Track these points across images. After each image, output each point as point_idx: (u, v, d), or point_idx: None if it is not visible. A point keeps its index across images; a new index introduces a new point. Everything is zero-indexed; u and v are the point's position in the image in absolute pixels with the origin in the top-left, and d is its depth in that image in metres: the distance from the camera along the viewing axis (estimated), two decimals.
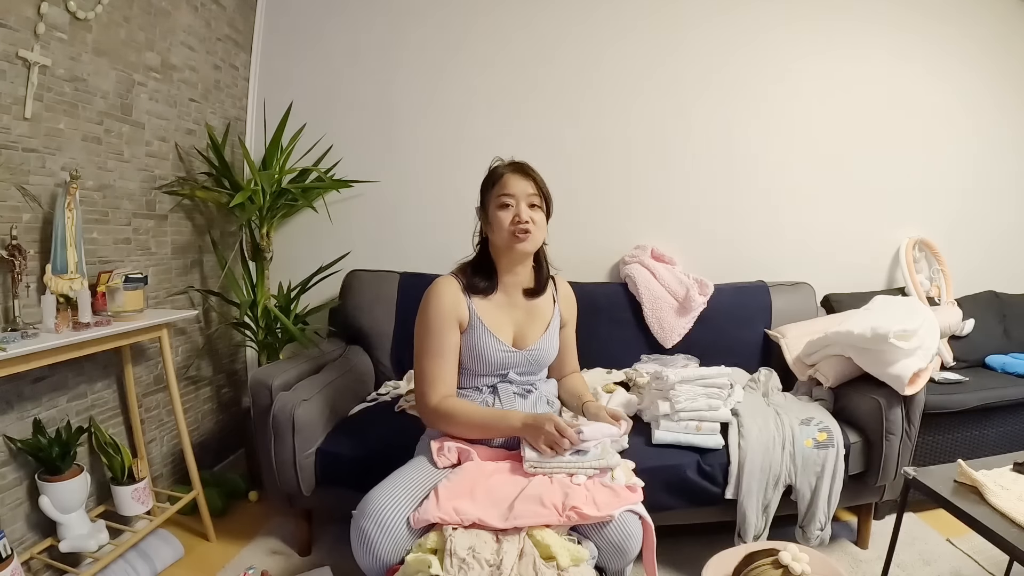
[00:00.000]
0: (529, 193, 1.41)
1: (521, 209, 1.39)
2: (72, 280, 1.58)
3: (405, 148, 2.56)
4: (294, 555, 1.88)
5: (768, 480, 1.68)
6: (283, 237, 2.53)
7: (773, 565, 1.18)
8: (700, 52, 2.54)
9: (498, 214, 1.40)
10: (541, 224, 1.43)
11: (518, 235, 1.39)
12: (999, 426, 2.10)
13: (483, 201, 1.46)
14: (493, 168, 1.47)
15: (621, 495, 1.27)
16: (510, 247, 1.41)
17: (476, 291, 1.44)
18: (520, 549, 1.14)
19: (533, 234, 1.40)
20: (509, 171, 1.42)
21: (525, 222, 1.38)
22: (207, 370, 2.38)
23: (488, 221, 1.44)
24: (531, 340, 1.48)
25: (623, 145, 2.56)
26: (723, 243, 2.59)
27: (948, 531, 1.96)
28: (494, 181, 1.43)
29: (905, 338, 1.73)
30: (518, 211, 1.39)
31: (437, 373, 1.39)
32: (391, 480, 1.29)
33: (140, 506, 1.76)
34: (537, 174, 1.45)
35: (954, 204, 2.70)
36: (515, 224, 1.38)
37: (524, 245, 1.40)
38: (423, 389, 1.39)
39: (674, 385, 1.73)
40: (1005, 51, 2.68)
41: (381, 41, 2.53)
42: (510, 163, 1.46)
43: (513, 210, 1.39)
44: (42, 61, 1.56)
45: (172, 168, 2.14)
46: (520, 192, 1.40)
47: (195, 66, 2.22)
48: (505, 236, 1.40)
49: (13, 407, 1.54)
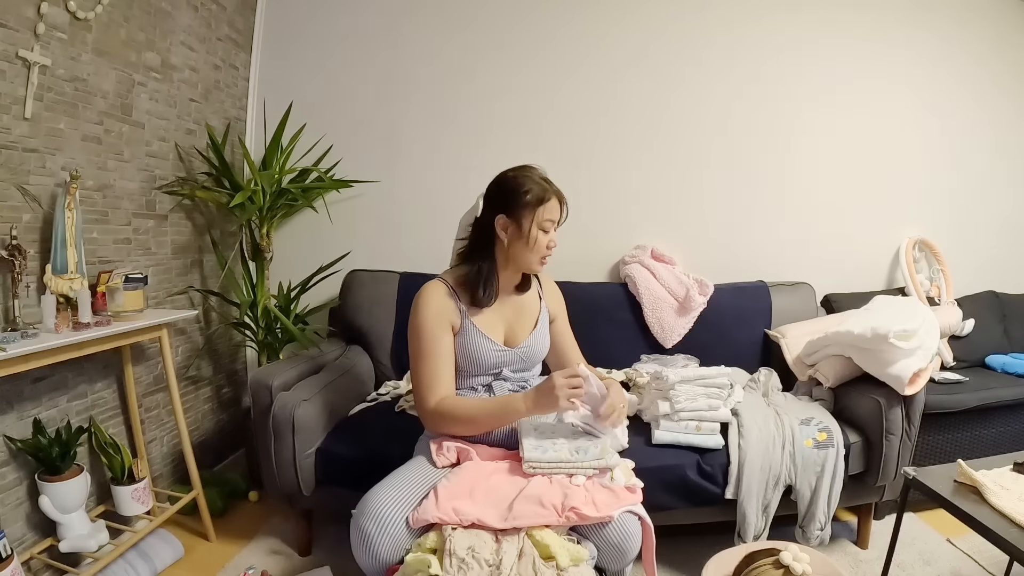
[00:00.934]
0: (560, 221, 1.46)
1: (553, 235, 1.44)
2: (72, 280, 1.58)
3: (405, 148, 2.56)
4: (294, 555, 1.88)
5: (768, 480, 1.68)
6: (283, 237, 2.53)
7: (774, 565, 1.17)
8: (701, 58, 2.54)
9: (540, 236, 1.42)
10: None
11: (543, 260, 1.45)
12: (999, 426, 2.10)
13: (517, 212, 1.39)
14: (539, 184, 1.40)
15: (620, 496, 1.28)
16: (530, 266, 1.46)
17: (475, 302, 1.44)
18: (519, 549, 1.14)
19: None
20: (553, 196, 1.42)
21: (553, 246, 1.45)
22: (207, 370, 2.38)
23: (521, 234, 1.40)
24: (521, 337, 1.49)
25: (623, 145, 2.56)
26: (723, 243, 2.59)
27: (948, 531, 1.96)
28: (541, 200, 1.39)
29: (905, 338, 1.73)
30: (552, 237, 1.44)
31: (433, 376, 1.38)
32: (391, 480, 1.30)
33: (140, 506, 1.76)
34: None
35: (954, 204, 2.70)
36: (549, 249, 1.44)
37: (543, 266, 1.47)
38: (421, 393, 1.39)
39: (674, 385, 1.73)
40: (1005, 53, 2.68)
41: (381, 41, 2.53)
42: (547, 180, 1.44)
43: (551, 236, 1.44)
44: (42, 61, 1.56)
45: (172, 168, 2.14)
46: (557, 219, 1.45)
47: (195, 66, 2.22)
48: (536, 257, 1.44)
49: (13, 407, 1.54)
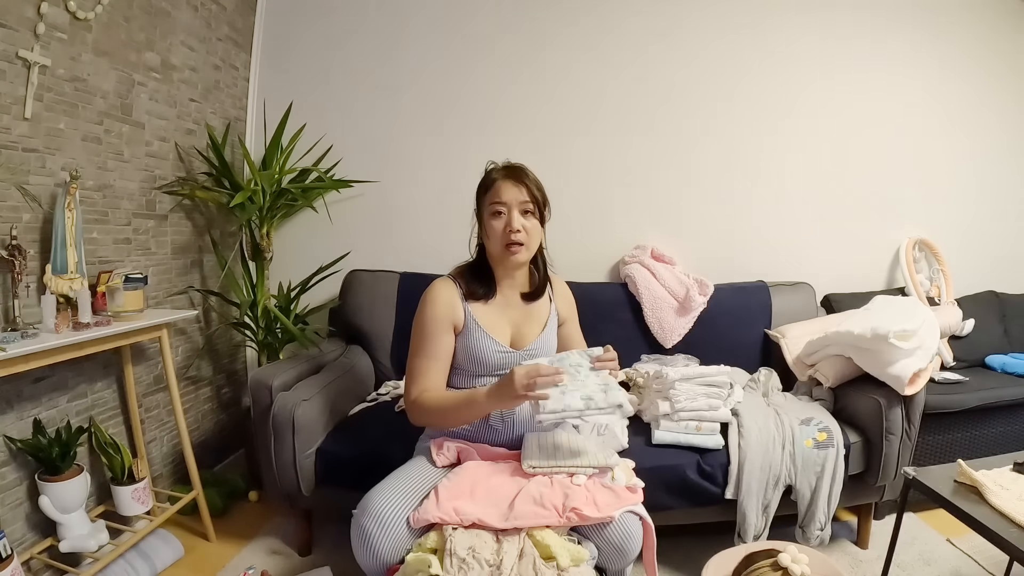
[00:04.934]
0: (522, 200, 1.36)
1: (513, 217, 1.35)
2: (72, 280, 1.58)
3: (405, 148, 2.56)
4: (294, 555, 1.88)
5: (768, 480, 1.68)
6: (283, 237, 2.53)
7: (772, 567, 1.17)
8: (702, 60, 2.54)
9: (491, 223, 1.37)
10: (535, 231, 1.39)
11: (511, 248, 1.36)
12: (999, 426, 2.10)
13: (478, 207, 1.43)
14: (487, 175, 1.42)
15: (621, 496, 1.28)
16: (503, 258, 1.39)
17: (475, 297, 1.43)
18: (520, 549, 1.14)
19: (526, 244, 1.38)
20: (501, 177, 1.38)
21: (517, 231, 1.35)
22: (207, 370, 2.38)
23: (482, 227, 1.42)
24: (528, 339, 1.47)
25: (623, 145, 2.55)
26: (723, 243, 2.59)
27: (948, 531, 1.96)
28: (487, 187, 1.39)
29: (905, 338, 1.73)
30: (510, 220, 1.35)
31: (423, 371, 1.38)
32: (391, 479, 1.30)
33: (140, 506, 1.76)
34: (531, 179, 1.39)
35: (954, 204, 2.70)
36: (507, 233, 1.35)
37: (516, 257, 1.38)
38: (408, 385, 1.40)
39: (674, 383, 1.73)
40: (1006, 52, 2.67)
41: (381, 41, 2.53)
42: (504, 167, 1.41)
43: (505, 218, 1.36)
44: (42, 61, 1.56)
45: (172, 168, 2.14)
46: (512, 200, 1.36)
47: (195, 66, 2.22)
48: (498, 246, 1.38)
49: (13, 407, 1.54)
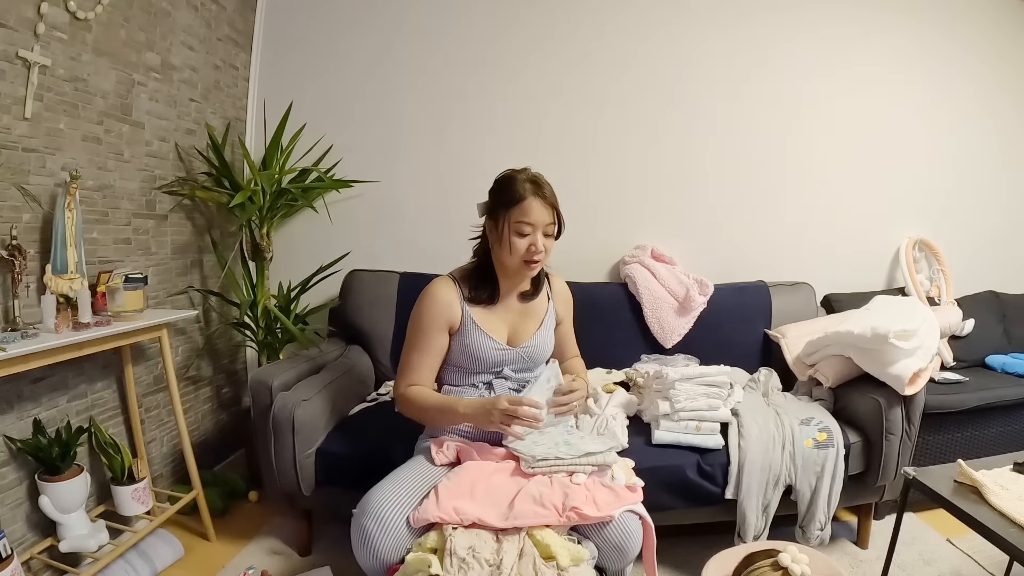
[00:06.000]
0: (547, 223, 1.37)
1: (537, 238, 1.36)
2: (72, 280, 1.58)
3: (405, 148, 2.56)
4: (294, 555, 1.88)
5: (768, 480, 1.68)
6: (283, 237, 2.53)
7: (772, 567, 1.17)
8: (701, 58, 2.54)
9: (515, 239, 1.36)
10: (551, 249, 1.41)
11: (529, 264, 1.39)
12: (999, 426, 2.10)
13: (495, 213, 1.39)
14: (513, 186, 1.37)
15: (621, 495, 1.28)
16: (519, 271, 1.41)
17: (478, 301, 1.43)
18: (520, 549, 1.14)
19: (541, 262, 1.41)
20: (531, 195, 1.35)
21: (539, 252, 1.37)
22: (207, 370, 2.38)
23: (499, 237, 1.38)
24: (525, 337, 1.48)
25: (623, 145, 2.55)
26: (723, 243, 2.59)
27: (948, 531, 1.96)
28: (514, 202, 1.35)
29: (905, 338, 1.73)
30: (534, 240, 1.36)
31: (413, 366, 1.42)
32: (391, 479, 1.30)
33: (140, 506, 1.76)
34: (554, 197, 1.39)
35: (954, 204, 2.70)
36: (530, 252, 1.37)
37: (532, 272, 1.42)
38: (398, 377, 1.45)
39: (674, 383, 1.73)
40: (1008, 52, 2.67)
41: (381, 41, 2.53)
42: (531, 181, 1.37)
43: (530, 239, 1.36)
44: (42, 61, 1.56)
45: (172, 168, 2.14)
46: (540, 221, 1.36)
47: (195, 66, 2.22)
48: (517, 261, 1.38)
49: (13, 407, 1.54)
